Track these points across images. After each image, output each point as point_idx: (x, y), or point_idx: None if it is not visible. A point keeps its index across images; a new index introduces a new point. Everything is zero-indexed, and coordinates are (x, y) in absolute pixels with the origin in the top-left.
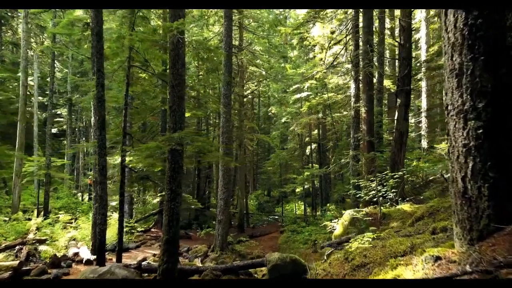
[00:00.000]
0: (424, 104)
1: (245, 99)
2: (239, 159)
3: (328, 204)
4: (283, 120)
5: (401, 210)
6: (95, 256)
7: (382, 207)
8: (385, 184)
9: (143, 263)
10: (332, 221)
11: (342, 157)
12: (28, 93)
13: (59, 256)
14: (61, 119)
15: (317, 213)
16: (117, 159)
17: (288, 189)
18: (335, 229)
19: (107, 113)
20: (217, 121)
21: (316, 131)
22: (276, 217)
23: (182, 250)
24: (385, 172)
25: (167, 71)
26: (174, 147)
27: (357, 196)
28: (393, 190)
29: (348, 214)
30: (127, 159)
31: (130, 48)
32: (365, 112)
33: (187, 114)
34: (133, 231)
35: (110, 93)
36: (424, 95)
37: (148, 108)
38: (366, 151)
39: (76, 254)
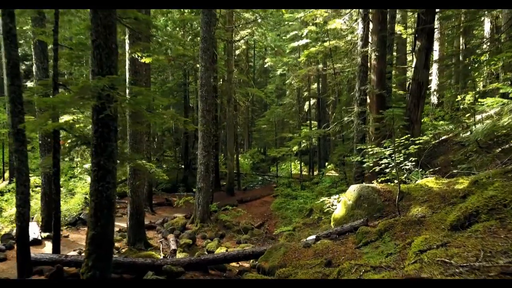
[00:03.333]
0: (436, 52)
1: (238, 51)
2: (228, 116)
3: (326, 164)
4: (278, 72)
5: (424, 187)
6: (47, 234)
7: (397, 184)
8: (403, 151)
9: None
10: (332, 196)
11: (344, 114)
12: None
13: (2, 234)
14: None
15: (315, 173)
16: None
17: (279, 153)
18: (335, 208)
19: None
20: None
21: (315, 85)
22: (271, 176)
23: (157, 223)
24: (405, 136)
25: None
26: (98, 104)
27: (364, 164)
28: (411, 159)
29: (353, 190)
30: (66, 118)
31: None
32: (375, 58)
33: (147, 60)
34: None
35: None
36: (436, 43)
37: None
38: (375, 107)
39: None
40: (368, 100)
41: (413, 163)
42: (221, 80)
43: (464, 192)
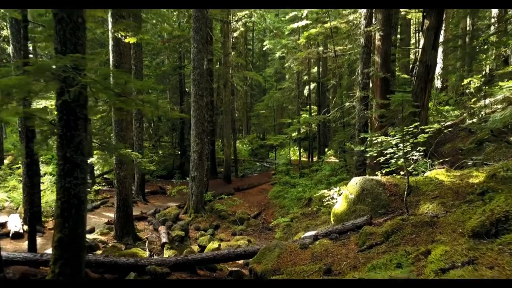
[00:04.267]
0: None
1: (236, 33)
2: (224, 101)
3: (326, 150)
4: (277, 55)
5: (434, 181)
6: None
7: (403, 176)
8: (411, 140)
9: None
10: (331, 189)
11: (345, 99)
12: None
13: None
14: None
15: (314, 159)
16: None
17: (277, 141)
18: (335, 202)
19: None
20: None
21: (315, 69)
22: (269, 161)
23: (148, 213)
24: (414, 124)
25: None
26: (59, 88)
27: (367, 154)
28: (419, 148)
29: (355, 183)
30: (45, 103)
31: None
32: (380, 38)
33: (131, 40)
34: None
35: None
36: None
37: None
38: (379, 92)
39: (3, 224)
40: (372, 84)
41: (421, 153)
42: (217, 63)
43: (481, 187)
